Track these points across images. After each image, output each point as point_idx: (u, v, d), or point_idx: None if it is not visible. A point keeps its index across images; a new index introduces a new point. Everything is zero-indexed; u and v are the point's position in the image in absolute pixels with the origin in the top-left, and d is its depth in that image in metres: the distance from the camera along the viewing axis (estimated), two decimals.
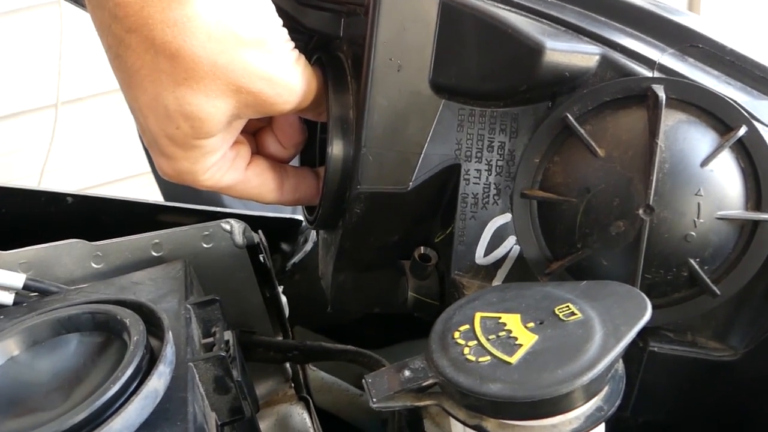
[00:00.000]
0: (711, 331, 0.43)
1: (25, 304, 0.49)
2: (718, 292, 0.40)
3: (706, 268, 0.40)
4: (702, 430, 0.47)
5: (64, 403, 0.36)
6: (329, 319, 0.64)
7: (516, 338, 0.33)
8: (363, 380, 0.34)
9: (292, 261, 0.69)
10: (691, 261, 0.39)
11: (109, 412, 0.34)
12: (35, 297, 0.50)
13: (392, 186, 0.44)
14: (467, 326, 0.35)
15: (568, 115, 0.41)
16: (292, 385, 0.63)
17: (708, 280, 0.40)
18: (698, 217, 0.38)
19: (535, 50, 0.40)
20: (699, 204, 0.38)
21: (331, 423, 0.64)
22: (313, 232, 0.69)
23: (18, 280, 0.49)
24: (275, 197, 0.48)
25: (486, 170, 0.45)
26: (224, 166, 0.45)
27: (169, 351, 0.38)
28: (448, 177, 0.45)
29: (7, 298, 0.49)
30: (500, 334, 0.34)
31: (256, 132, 0.50)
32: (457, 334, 0.34)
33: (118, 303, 0.42)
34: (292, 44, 0.42)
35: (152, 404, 0.35)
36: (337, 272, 0.50)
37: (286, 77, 0.41)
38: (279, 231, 0.68)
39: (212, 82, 0.38)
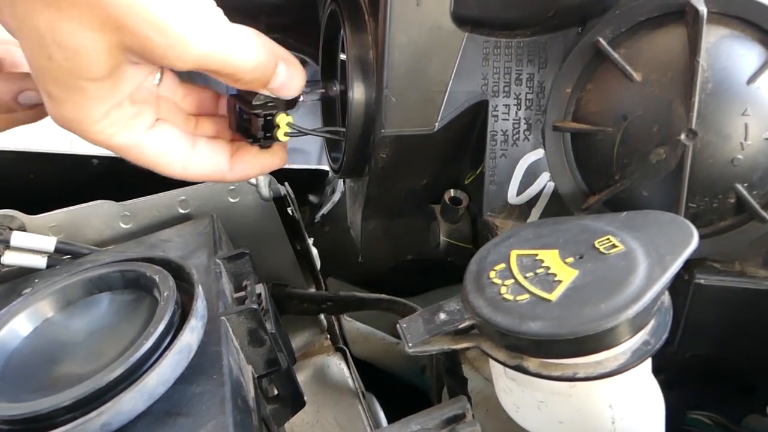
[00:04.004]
0: (761, 260, 0.40)
1: (58, 267, 0.49)
2: None
3: (754, 193, 0.37)
4: (752, 363, 0.45)
5: (100, 360, 0.36)
6: (362, 269, 0.64)
7: (555, 274, 0.32)
8: (397, 325, 0.33)
9: (321, 212, 0.68)
10: (738, 186, 0.37)
11: (144, 368, 0.34)
12: (67, 259, 0.50)
13: (418, 128, 0.43)
14: (503, 265, 0.33)
15: (600, 39, 0.39)
16: (328, 336, 0.63)
17: (757, 206, 0.37)
18: (745, 139, 0.36)
19: None
20: (746, 124, 0.36)
21: (369, 372, 0.64)
22: (341, 182, 0.68)
23: (49, 243, 0.49)
24: (173, 171, 0.43)
25: (515, 105, 0.42)
26: (119, 123, 0.39)
27: (200, 305, 0.37)
28: (476, 114, 0.43)
29: (41, 262, 0.49)
30: (538, 271, 0.32)
31: None
32: (492, 274, 0.33)
33: (147, 260, 0.41)
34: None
35: (186, 358, 0.35)
36: (366, 221, 0.49)
37: (182, 29, 0.34)
38: (305, 182, 0.67)
39: (89, 12, 0.33)
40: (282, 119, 0.41)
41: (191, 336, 0.36)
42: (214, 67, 0.37)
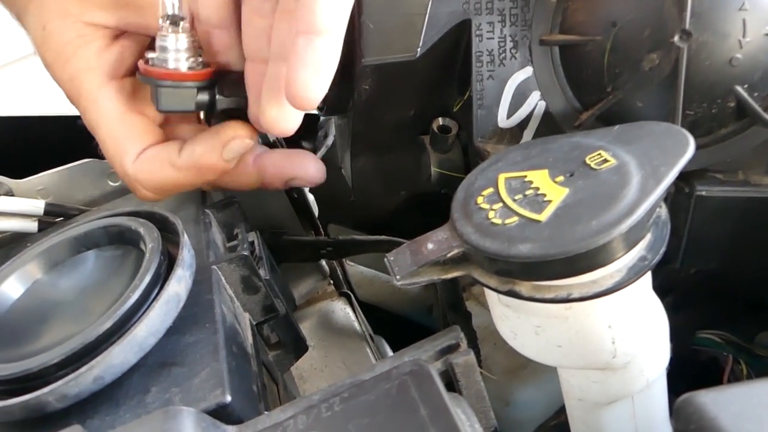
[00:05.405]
0: (765, 167, 0.39)
1: (49, 230, 0.48)
2: None
3: (756, 94, 0.35)
4: (759, 276, 0.43)
5: (90, 317, 0.35)
6: (363, 214, 0.62)
7: (544, 195, 0.30)
8: (385, 259, 0.31)
9: None
10: (738, 88, 0.35)
11: (132, 321, 0.33)
12: (60, 222, 0.49)
13: (399, 54, 0.40)
14: (491, 189, 0.32)
15: None
16: (331, 281, 0.62)
17: (759, 109, 0.35)
18: (744, 36, 0.34)
19: None
20: (744, 20, 0.34)
21: (377, 316, 0.64)
22: (333, 126, 0.66)
23: (38, 206, 0.49)
24: None
25: (499, 21, 0.40)
26: None
27: (186, 254, 0.36)
28: (459, 35, 0.41)
29: (32, 226, 0.49)
30: (527, 192, 0.31)
31: None
32: (480, 199, 0.31)
33: (132, 214, 0.40)
34: None
35: (175, 309, 0.34)
36: (356, 158, 0.48)
37: None
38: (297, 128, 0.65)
39: None
40: None
41: (179, 285, 0.35)
42: None
